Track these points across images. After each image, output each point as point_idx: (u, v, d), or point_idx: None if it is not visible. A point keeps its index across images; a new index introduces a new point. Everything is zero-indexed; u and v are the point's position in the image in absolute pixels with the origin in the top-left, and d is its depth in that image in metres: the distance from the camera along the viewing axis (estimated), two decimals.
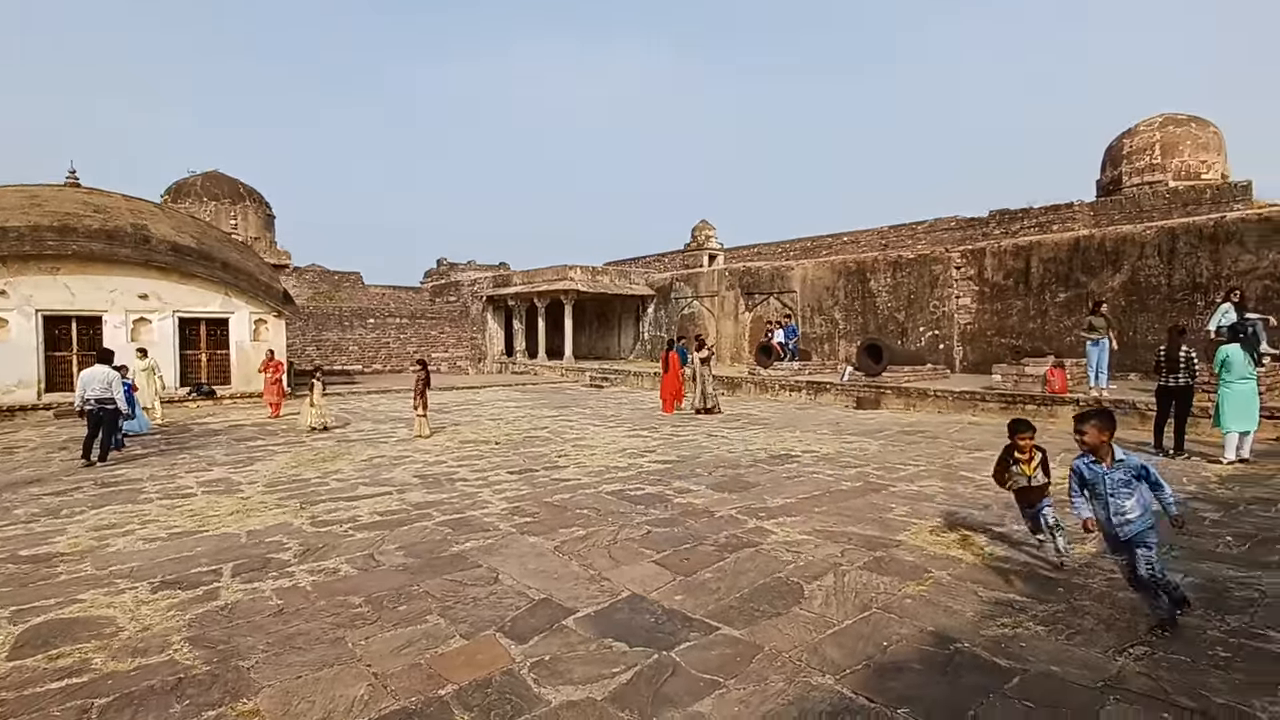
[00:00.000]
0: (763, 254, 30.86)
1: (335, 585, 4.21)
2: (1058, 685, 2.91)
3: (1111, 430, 3.44)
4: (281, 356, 15.86)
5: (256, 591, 4.14)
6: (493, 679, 3.04)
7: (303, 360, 22.86)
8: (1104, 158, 24.53)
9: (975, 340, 16.32)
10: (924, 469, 7.52)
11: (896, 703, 2.80)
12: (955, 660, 3.16)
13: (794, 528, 5.31)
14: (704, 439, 9.92)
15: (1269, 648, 3.22)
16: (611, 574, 4.35)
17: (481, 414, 13.44)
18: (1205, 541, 4.84)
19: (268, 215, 30.15)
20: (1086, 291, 14.13)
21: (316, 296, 28.86)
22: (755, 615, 3.70)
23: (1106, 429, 3.42)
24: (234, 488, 7.01)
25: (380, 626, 3.60)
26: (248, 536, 5.28)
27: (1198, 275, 12.88)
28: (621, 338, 27.27)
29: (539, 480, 7.17)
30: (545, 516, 5.74)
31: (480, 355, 27.59)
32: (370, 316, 25.70)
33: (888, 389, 13.68)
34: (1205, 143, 22.39)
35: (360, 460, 8.43)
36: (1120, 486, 3.33)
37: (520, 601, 3.91)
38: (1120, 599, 3.82)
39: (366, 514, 5.87)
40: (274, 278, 18.98)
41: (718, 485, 6.85)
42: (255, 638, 3.51)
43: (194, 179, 29.01)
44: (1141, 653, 3.19)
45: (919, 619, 3.61)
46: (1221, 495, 6.18)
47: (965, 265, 16.55)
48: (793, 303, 20.29)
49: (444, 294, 30.53)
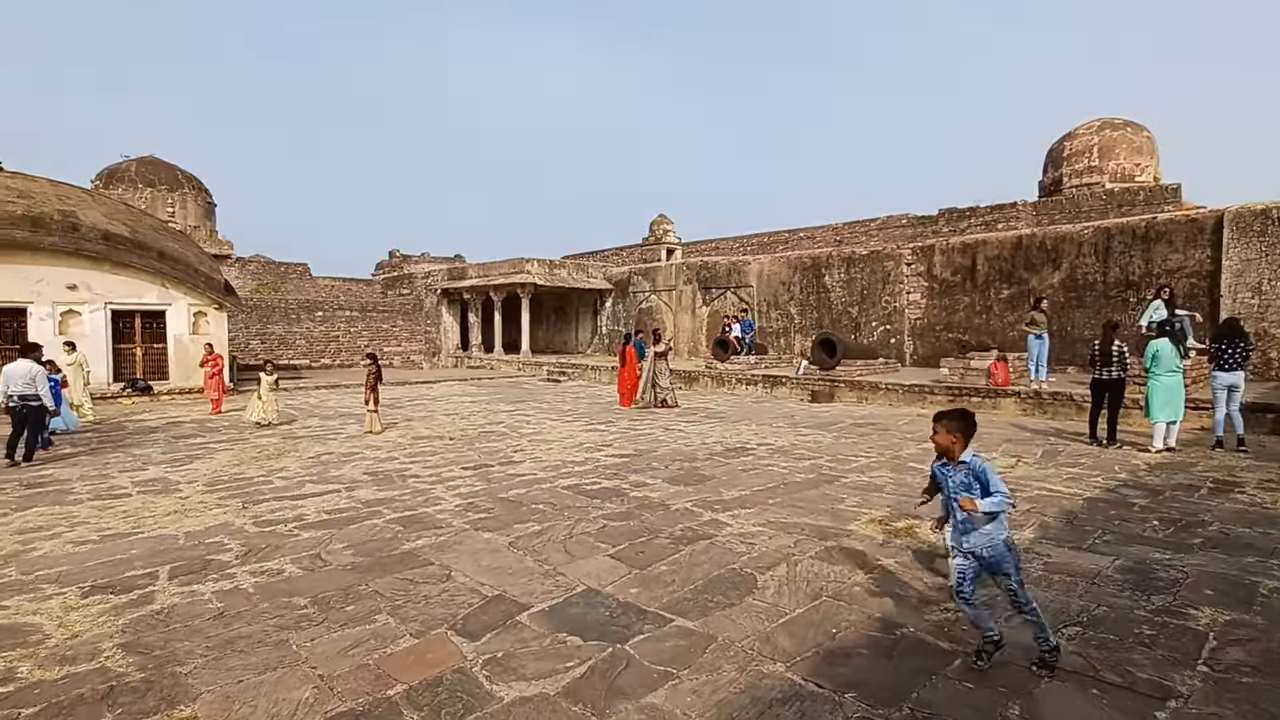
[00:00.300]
0: (720, 249, 31.12)
1: (279, 586, 4.08)
2: (996, 665, 3.02)
3: (965, 432, 3.07)
4: (223, 350, 15.29)
5: (195, 594, 3.98)
6: (443, 678, 2.99)
7: (246, 355, 22.06)
8: (1046, 159, 25.52)
9: (925, 335, 16.80)
10: (874, 460, 7.71)
11: (845, 688, 2.87)
12: (900, 644, 3.25)
13: (748, 520, 5.38)
14: (661, 433, 9.96)
15: (1190, 625, 3.41)
16: (567, 569, 4.33)
17: (436, 409, 13.20)
18: (1134, 526, 5.09)
19: (208, 203, 28.94)
20: (1028, 288, 14.69)
21: (261, 288, 27.86)
22: (709, 606, 3.73)
23: (957, 431, 3.07)
24: (171, 487, 6.72)
25: (327, 627, 3.51)
26: (186, 537, 5.07)
27: (1131, 273, 13.52)
28: (579, 332, 27.15)
29: (494, 476, 7.08)
30: (500, 512, 5.68)
31: (435, 349, 27.09)
32: (318, 309, 24.94)
33: (841, 383, 13.97)
34: (1139, 146, 23.50)
35: (307, 457, 8.19)
36: (961, 491, 3.02)
37: (473, 599, 3.85)
38: (1055, 581, 3.99)
39: (313, 512, 5.70)
40: (214, 268, 18.23)
41: (674, 479, 6.88)
42: (193, 642, 3.37)
43: (128, 164, 27.63)
44: (1074, 632, 3.34)
45: (867, 606, 3.70)
46: (1150, 482, 6.52)
47: (915, 262, 17.01)
48: (749, 297, 20.52)
49: (397, 286, 29.84)
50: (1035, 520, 5.25)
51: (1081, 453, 8.01)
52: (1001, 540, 3.01)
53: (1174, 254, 12.99)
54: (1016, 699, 2.76)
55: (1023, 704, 2.73)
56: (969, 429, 3.08)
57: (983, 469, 3.01)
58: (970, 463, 3.04)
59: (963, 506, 2.98)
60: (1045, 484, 6.45)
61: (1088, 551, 4.53)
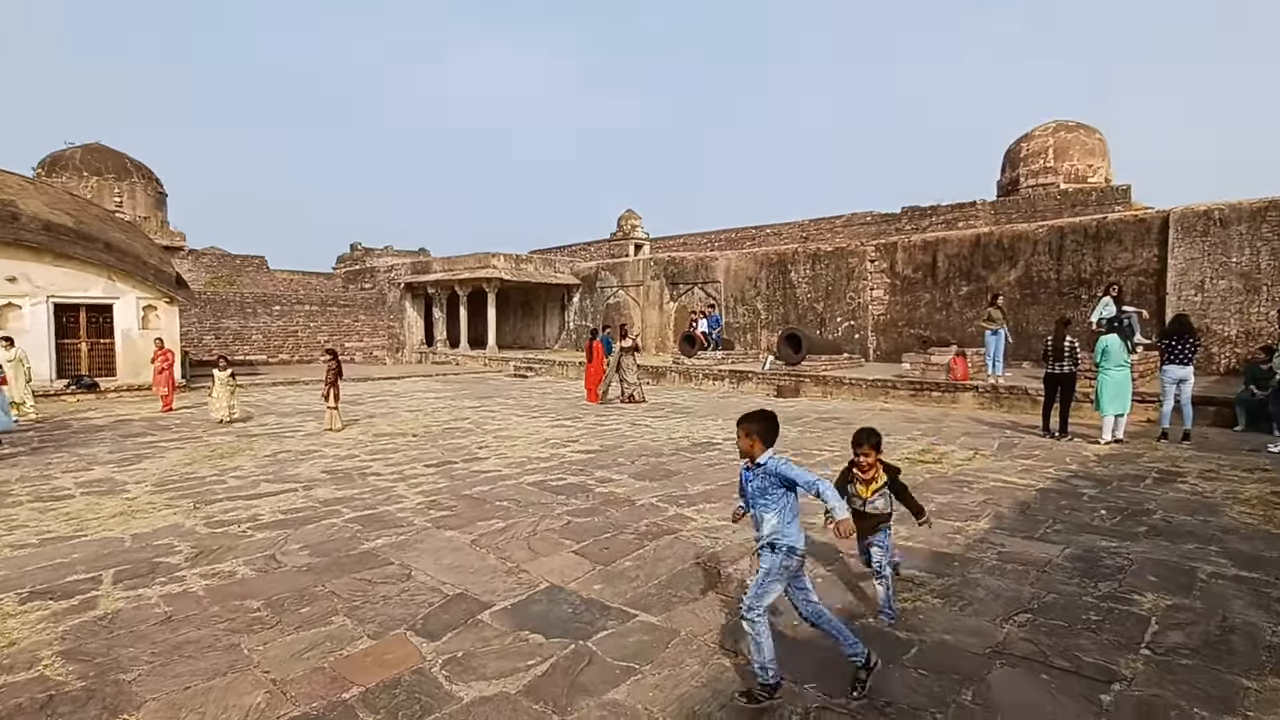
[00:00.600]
0: (688, 244, 31.22)
1: (231, 589, 3.95)
2: (951, 653, 3.09)
3: (764, 434, 2.90)
4: (174, 345, 14.77)
5: (141, 599, 3.83)
6: (401, 679, 2.93)
7: (200, 350, 21.35)
8: (1004, 160, 26.19)
9: (887, 330, 17.11)
10: (837, 454, 7.82)
11: (805, 678, 2.90)
12: (860, 634, 3.29)
13: (713, 514, 5.41)
14: (627, 428, 9.95)
15: (1134, 610, 3.54)
16: (530, 566, 4.29)
17: (399, 405, 12.97)
18: (1083, 515, 5.26)
19: (159, 193, 27.88)
20: (987, 285, 15.07)
21: (215, 281, 26.99)
22: (673, 601, 3.74)
23: (755, 434, 2.90)
24: (118, 487, 6.46)
25: (280, 630, 3.41)
26: (132, 540, 4.88)
27: (1083, 271, 13.97)
28: (547, 327, 26.97)
29: (457, 473, 6.99)
30: (463, 509, 5.60)
31: (398, 345, 26.61)
32: (276, 303, 24.25)
33: (806, 377, 14.15)
34: (1091, 148, 24.28)
35: (263, 456, 7.96)
36: (758, 496, 2.88)
37: (434, 598, 3.79)
38: (1009, 570, 4.10)
39: (268, 512, 5.54)
40: (165, 260, 17.60)
41: (640, 474, 6.88)
42: (139, 648, 3.25)
43: (72, 151, 26.43)
44: (1025, 619, 3.43)
45: (829, 598, 3.74)
46: (1099, 473, 6.75)
47: (879, 259, 17.30)
48: (717, 293, 20.63)
49: (358, 280, 29.20)
50: (990, 511, 5.39)
51: (1035, 445, 8.26)
52: (785, 545, 2.81)
53: (1123, 253, 13.46)
54: (969, 685, 2.83)
55: (975, 690, 2.80)
56: (768, 430, 2.92)
57: (777, 468, 2.85)
58: (766, 464, 2.87)
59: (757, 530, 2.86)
60: (1000, 475, 6.62)
61: (1039, 541, 4.66)
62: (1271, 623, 3.38)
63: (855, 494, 3.58)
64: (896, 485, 3.61)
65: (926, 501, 5.63)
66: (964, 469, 6.93)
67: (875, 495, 3.55)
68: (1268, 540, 4.62)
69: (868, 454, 3.56)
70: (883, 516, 3.57)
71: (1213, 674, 2.91)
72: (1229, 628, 3.33)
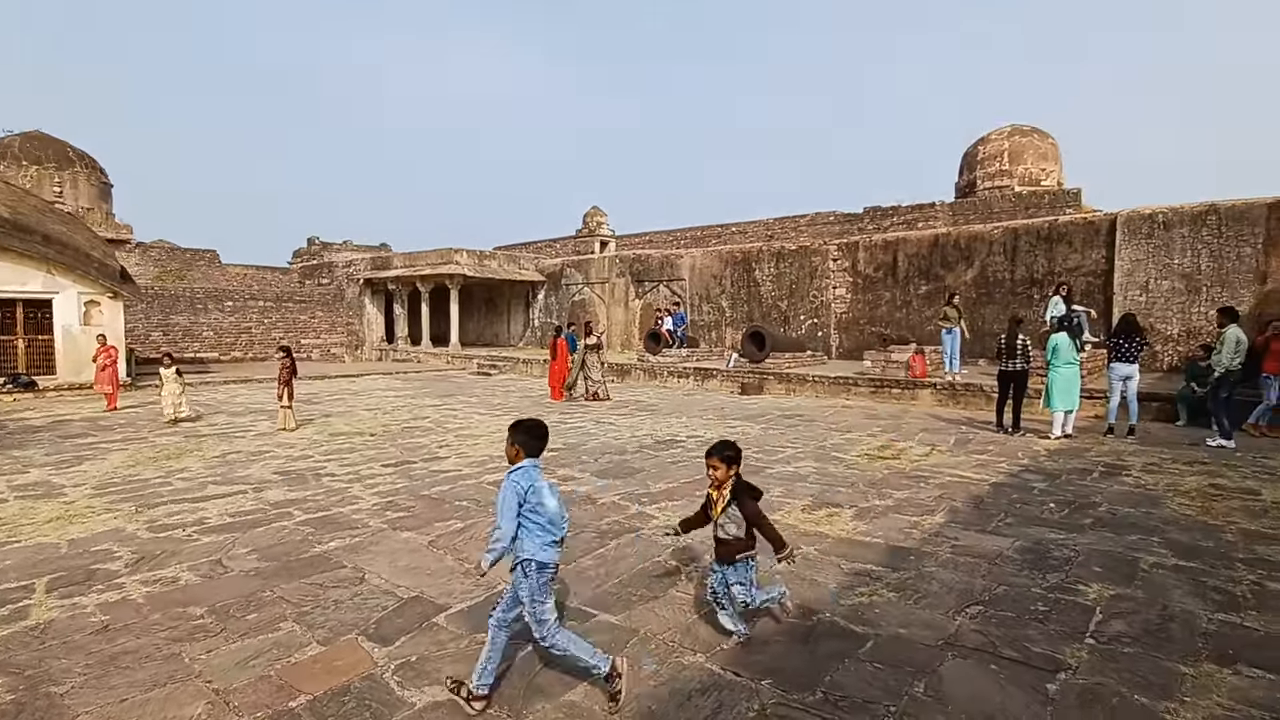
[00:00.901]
0: (654, 242, 31.25)
1: (173, 596, 3.79)
2: (905, 646, 3.14)
3: (526, 446, 2.89)
4: (119, 342, 14.17)
5: (76, 608, 3.66)
6: (351, 686, 2.85)
7: (147, 347, 20.54)
8: (961, 162, 26.83)
9: (850, 328, 17.38)
10: (800, 451, 7.91)
11: (761, 675, 2.91)
12: (816, 630, 3.33)
13: (675, 512, 5.40)
14: (591, 426, 9.90)
15: (1079, 600, 3.65)
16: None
17: (357, 404, 12.68)
18: (1033, 509, 5.41)
19: (103, 183, 26.74)
20: (944, 284, 15.41)
21: (164, 275, 25.99)
22: (632, 600, 3.72)
23: (516, 443, 2.89)
24: (55, 491, 6.16)
25: (225, 638, 3.29)
26: (69, 546, 4.66)
27: (1035, 271, 14.39)
28: (511, 324, 26.69)
29: (416, 473, 6.85)
30: (421, 510, 5.49)
31: (358, 342, 26.04)
32: (228, 299, 23.46)
33: (770, 375, 14.29)
34: (1045, 152, 25.04)
35: (212, 456, 7.68)
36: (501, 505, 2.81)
37: (387, 601, 3.70)
38: (962, 563, 4.19)
39: (215, 515, 5.34)
40: (109, 254, 16.88)
41: (602, 472, 6.85)
42: (72, 659, 3.09)
43: (10, 140, 25.18)
44: (976, 611, 3.50)
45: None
46: (1048, 467, 6.95)
47: (841, 257, 17.56)
48: (682, 290, 20.68)
49: (315, 275, 28.45)
50: (946, 506, 5.50)
51: (990, 440, 8.48)
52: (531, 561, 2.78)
53: (1073, 254, 13.91)
54: (922, 677, 2.87)
55: (928, 682, 2.84)
56: (529, 440, 2.90)
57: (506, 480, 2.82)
58: (511, 473, 2.83)
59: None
60: (956, 471, 6.77)
61: (991, 534, 4.77)
62: (1208, 610, 3.52)
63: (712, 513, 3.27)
64: (748, 509, 3.14)
65: (885, 497, 5.76)
66: (921, 464, 7.07)
67: (724, 517, 3.18)
68: (1205, 531, 4.82)
69: (715, 466, 3.21)
70: (738, 545, 3.14)
71: (1153, 661, 3.01)
72: (1168, 616, 3.45)
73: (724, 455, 3.21)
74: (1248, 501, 5.57)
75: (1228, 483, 6.20)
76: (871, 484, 6.24)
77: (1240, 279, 11.93)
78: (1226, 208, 12.10)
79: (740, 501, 3.15)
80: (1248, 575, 3.98)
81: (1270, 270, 11.66)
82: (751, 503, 3.16)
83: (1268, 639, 3.21)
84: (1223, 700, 2.71)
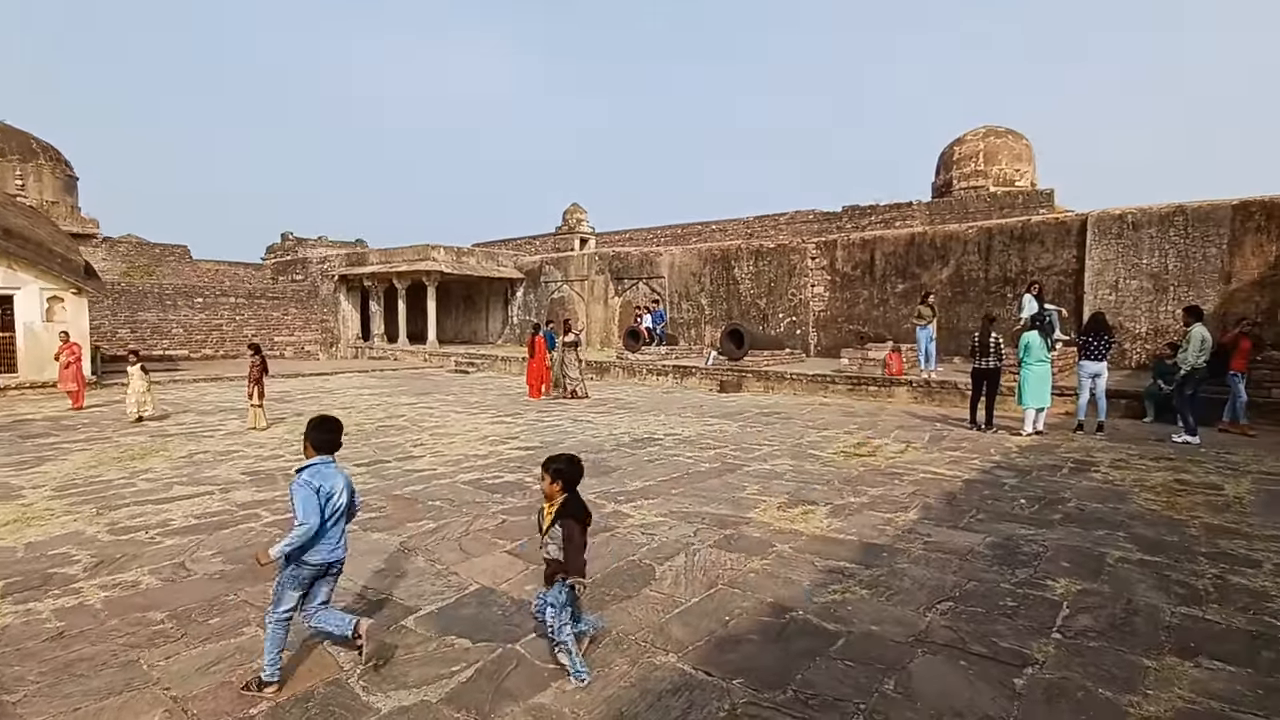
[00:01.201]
0: (634, 239, 31.19)
1: (133, 600, 3.69)
2: (876, 643, 3.15)
3: (315, 443, 2.93)
4: (83, 339, 13.80)
5: (31, 613, 3.54)
6: (315, 691, 2.79)
7: (115, 345, 20.04)
8: (938, 162, 27.13)
9: (828, 326, 17.50)
10: (777, 448, 7.93)
11: (733, 674, 2.90)
12: (789, 628, 3.32)
13: (651, 510, 5.39)
14: (569, 424, 9.84)
15: (1047, 595, 3.69)
16: (460, 567, 4.17)
17: (331, 402, 12.49)
18: (1004, 505, 5.48)
19: (68, 176, 26.05)
20: (920, 283, 15.57)
21: (132, 271, 25.39)
22: (605, 599, 3.69)
23: (308, 439, 2.95)
24: (13, 493, 5.97)
25: (185, 644, 3.20)
26: (25, 550, 4.51)
27: (1009, 270, 14.60)
28: (490, 321, 26.49)
29: (389, 472, 6.75)
30: (392, 510, 5.41)
31: (333, 339, 25.65)
32: (199, 295, 22.97)
33: (749, 373, 14.33)
34: (1019, 153, 25.41)
35: (178, 456, 7.51)
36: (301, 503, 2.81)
37: (355, 604, 3.63)
38: (934, 559, 4.22)
39: (180, 517, 5.21)
40: (73, 248, 16.45)
41: None
42: (25, 667, 3.00)
43: None
44: (946, 608, 3.53)
45: (760, 591, 3.77)
46: (1020, 463, 7.05)
47: (820, 256, 17.66)
48: (661, 288, 20.67)
49: (289, 272, 27.96)
50: (919, 502, 5.54)
51: (963, 437, 8.58)
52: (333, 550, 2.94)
53: (1045, 253, 14.13)
54: (892, 674, 2.88)
55: (898, 679, 2.85)
56: (318, 438, 2.94)
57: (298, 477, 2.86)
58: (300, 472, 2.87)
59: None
60: (930, 467, 6.84)
61: (963, 530, 4.82)
62: (1171, 604, 3.58)
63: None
64: (567, 528, 2.92)
65: (860, 494, 5.79)
66: (896, 461, 7.13)
67: (548, 536, 2.97)
68: (1170, 526, 4.91)
69: (544, 479, 3.00)
70: (558, 567, 2.94)
71: (1117, 655, 3.05)
72: (1133, 610, 3.51)
73: (554, 469, 2.98)
74: (1210, 496, 5.70)
75: (1192, 478, 6.33)
76: (847, 481, 6.27)
77: (1206, 279, 12.20)
78: (1193, 209, 12.37)
79: (563, 521, 2.94)
80: (1210, 569, 4.05)
81: (1235, 270, 11.94)
82: (572, 524, 2.93)
83: (1229, 632, 3.27)
84: (1184, 693, 2.75)
